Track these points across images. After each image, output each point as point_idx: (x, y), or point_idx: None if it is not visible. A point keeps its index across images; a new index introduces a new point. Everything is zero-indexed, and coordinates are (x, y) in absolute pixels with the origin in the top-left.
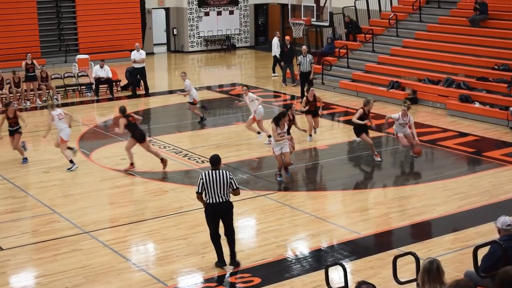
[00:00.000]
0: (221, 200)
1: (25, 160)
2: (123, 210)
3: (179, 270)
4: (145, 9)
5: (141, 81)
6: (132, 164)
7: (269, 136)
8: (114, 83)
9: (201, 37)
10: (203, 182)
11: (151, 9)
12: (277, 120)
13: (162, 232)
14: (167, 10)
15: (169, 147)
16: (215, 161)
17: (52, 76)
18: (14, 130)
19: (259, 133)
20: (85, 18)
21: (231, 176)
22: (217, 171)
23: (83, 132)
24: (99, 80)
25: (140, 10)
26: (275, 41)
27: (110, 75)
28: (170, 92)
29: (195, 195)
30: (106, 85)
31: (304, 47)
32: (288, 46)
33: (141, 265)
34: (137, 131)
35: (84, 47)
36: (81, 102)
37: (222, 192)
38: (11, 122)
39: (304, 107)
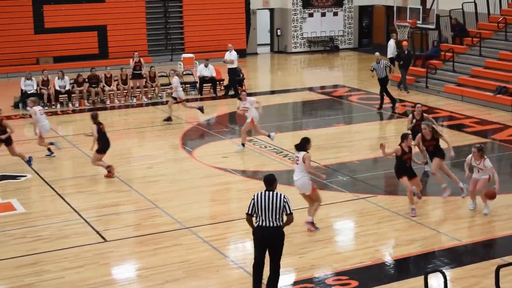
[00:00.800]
0: (271, 225)
1: (29, 160)
2: (223, 207)
3: None
4: (249, 9)
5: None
6: (109, 166)
7: (243, 145)
8: (217, 82)
9: (305, 38)
10: (254, 203)
11: (256, 10)
12: (300, 149)
13: None
14: (271, 10)
15: (270, 146)
16: (269, 181)
17: (158, 74)
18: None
19: (243, 145)
20: (191, 18)
21: (285, 200)
22: (271, 192)
23: (186, 129)
24: (203, 79)
25: (245, 11)
26: (391, 43)
27: (214, 74)
28: (272, 92)
29: (294, 196)
30: (210, 84)
31: (377, 53)
32: (406, 52)
33: (239, 263)
34: (101, 141)
35: (189, 46)
36: (185, 100)
37: (273, 217)
38: None
39: (408, 127)
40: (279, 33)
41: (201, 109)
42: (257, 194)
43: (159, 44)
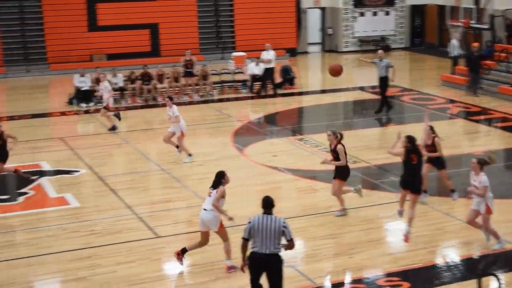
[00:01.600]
0: (267, 252)
1: None
2: None
3: (326, 269)
4: (300, 8)
5: (270, 80)
6: None
7: (190, 155)
8: (268, 81)
9: (356, 37)
10: (250, 227)
11: (307, 9)
12: (217, 184)
13: (310, 230)
14: (322, 9)
15: (320, 146)
16: (267, 203)
17: (210, 73)
18: None
19: (177, 146)
20: (242, 16)
21: (284, 224)
22: (268, 216)
23: (237, 127)
24: (254, 77)
25: (295, 10)
26: (454, 42)
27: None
28: (323, 91)
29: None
30: (260, 82)
31: (380, 51)
32: (476, 54)
33: (290, 261)
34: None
35: (240, 45)
36: (236, 98)
37: (270, 242)
38: None
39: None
40: (330, 32)
41: (117, 115)
42: (254, 218)
43: (211, 42)
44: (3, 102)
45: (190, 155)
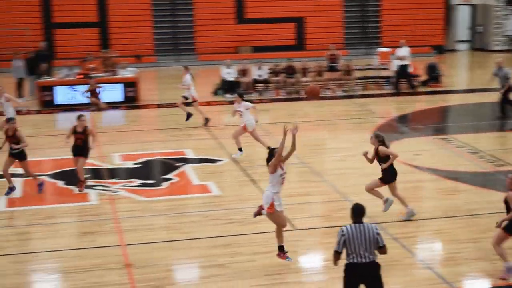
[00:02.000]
0: (365, 261)
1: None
2: (413, 205)
3: (466, 273)
4: (450, 5)
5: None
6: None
7: (240, 150)
8: (413, 78)
9: (507, 36)
10: (345, 239)
11: (456, 5)
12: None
13: (451, 232)
14: (473, 6)
15: (464, 146)
16: (358, 212)
17: (354, 68)
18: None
19: (240, 149)
20: (389, 12)
21: (377, 231)
22: (361, 225)
23: (379, 124)
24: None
25: (444, 6)
26: None
27: (411, 69)
28: (470, 90)
29: (489, 199)
30: (405, 79)
31: (498, 59)
32: None
33: (428, 263)
34: None
35: (386, 41)
36: (380, 95)
37: (367, 251)
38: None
39: None
40: (479, 30)
41: (189, 115)
42: (346, 228)
43: (356, 37)
44: (153, 90)
45: (240, 149)
